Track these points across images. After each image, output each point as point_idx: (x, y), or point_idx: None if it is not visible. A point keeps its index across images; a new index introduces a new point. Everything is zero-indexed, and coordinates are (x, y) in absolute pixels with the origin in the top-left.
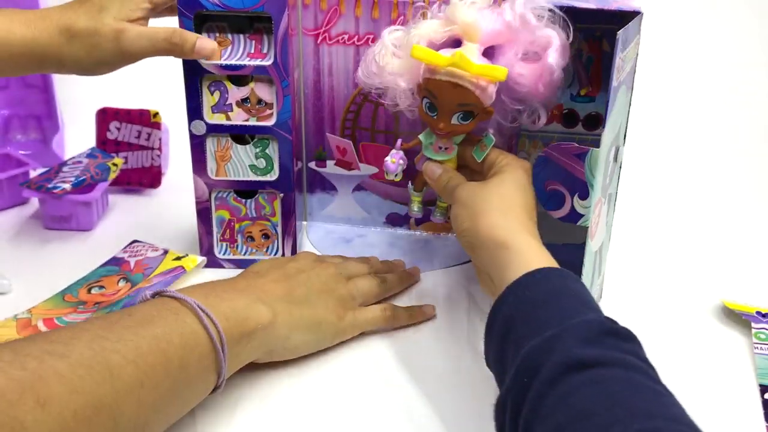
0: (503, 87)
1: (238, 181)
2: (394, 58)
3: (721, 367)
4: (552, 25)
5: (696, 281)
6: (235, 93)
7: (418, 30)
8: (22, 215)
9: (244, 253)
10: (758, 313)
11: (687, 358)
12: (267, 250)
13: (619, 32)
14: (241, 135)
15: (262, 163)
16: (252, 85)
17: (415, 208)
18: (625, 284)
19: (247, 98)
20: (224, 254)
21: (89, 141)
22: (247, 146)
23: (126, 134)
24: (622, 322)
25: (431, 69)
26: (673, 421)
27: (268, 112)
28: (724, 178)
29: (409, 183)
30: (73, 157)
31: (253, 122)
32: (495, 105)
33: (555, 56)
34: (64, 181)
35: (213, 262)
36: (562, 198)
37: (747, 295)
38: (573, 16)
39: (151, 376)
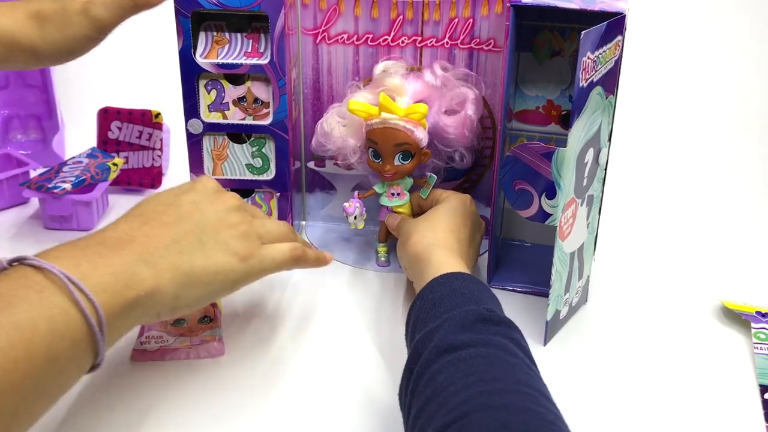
0: (435, 135)
1: (234, 180)
2: (341, 126)
3: (721, 367)
4: (465, 84)
5: (695, 282)
6: (232, 92)
7: (354, 98)
8: (22, 215)
9: None
10: (758, 312)
11: (687, 358)
12: None
13: (584, 32)
14: (237, 134)
15: (258, 162)
16: (248, 84)
17: (382, 258)
18: (624, 285)
19: (244, 97)
20: None
21: (89, 141)
22: (244, 145)
23: (127, 134)
24: (621, 323)
25: (369, 122)
26: (515, 383)
27: (265, 111)
28: (722, 178)
29: (376, 236)
30: (74, 157)
31: (249, 121)
32: (432, 151)
33: (473, 108)
34: (64, 181)
35: None
36: (530, 197)
37: (746, 295)
38: (555, 16)
39: (13, 374)
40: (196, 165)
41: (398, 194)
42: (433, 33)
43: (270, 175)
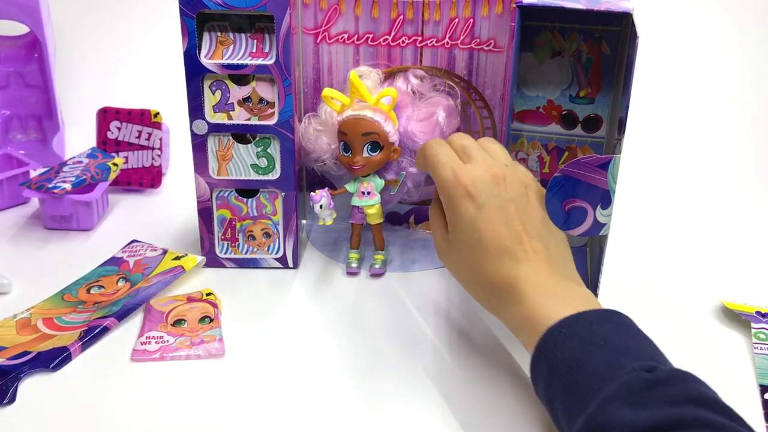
0: (407, 140)
1: (239, 180)
2: (317, 133)
3: (721, 367)
4: (439, 93)
5: (695, 281)
6: (237, 92)
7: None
8: (22, 215)
9: (246, 252)
10: (758, 312)
11: (687, 358)
12: (268, 249)
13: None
14: (242, 134)
15: (263, 162)
16: (253, 84)
17: (353, 264)
18: (623, 284)
19: (249, 97)
20: (226, 253)
21: (89, 141)
22: (249, 145)
23: (126, 134)
24: None
25: (340, 116)
26: None
27: (270, 111)
28: (723, 178)
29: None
30: (74, 157)
31: (254, 121)
32: (407, 156)
33: (443, 115)
34: (64, 181)
35: (214, 261)
36: (584, 213)
37: (746, 295)
38: (556, 16)
39: None
40: (200, 166)
41: (368, 193)
42: (434, 33)
43: (275, 174)
